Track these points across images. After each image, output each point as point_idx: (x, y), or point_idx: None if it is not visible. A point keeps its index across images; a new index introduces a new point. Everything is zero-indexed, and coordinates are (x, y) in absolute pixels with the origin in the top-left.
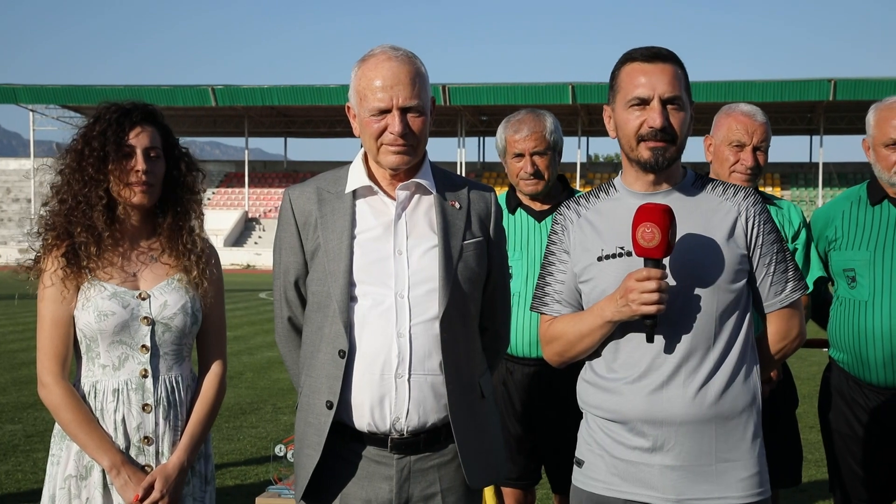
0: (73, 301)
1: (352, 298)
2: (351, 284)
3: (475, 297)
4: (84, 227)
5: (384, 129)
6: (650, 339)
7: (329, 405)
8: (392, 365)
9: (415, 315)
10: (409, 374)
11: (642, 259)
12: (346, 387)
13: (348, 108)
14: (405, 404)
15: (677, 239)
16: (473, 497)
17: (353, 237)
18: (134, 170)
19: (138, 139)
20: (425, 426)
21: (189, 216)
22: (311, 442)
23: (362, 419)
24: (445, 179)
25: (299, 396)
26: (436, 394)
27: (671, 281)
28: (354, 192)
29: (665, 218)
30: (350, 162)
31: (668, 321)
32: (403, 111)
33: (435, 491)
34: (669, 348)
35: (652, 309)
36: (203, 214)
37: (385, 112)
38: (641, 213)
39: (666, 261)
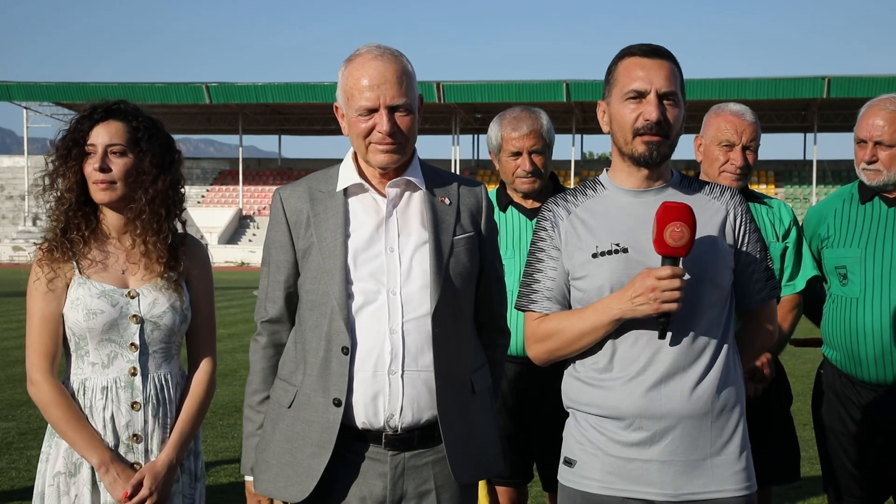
0: (62, 299)
1: (348, 295)
2: (348, 282)
3: (467, 292)
4: (71, 226)
5: (372, 129)
6: (662, 336)
7: (337, 402)
8: (385, 361)
9: (407, 311)
10: (403, 371)
11: (661, 256)
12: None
13: (336, 107)
14: (399, 401)
15: None
16: (468, 493)
17: (347, 235)
18: (94, 168)
19: (99, 137)
20: (419, 423)
21: (171, 213)
22: (312, 440)
23: (357, 416)
24: (435, 176)
25: (289, 396)
26: (429, 390)
27: (687, 276)
28: (346, 190)
29: (692, 217)
30: (343, 160)
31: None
32: (391, 110)
33: (429, 488)
34: (668, 344)
35: (674, 307)
36: (184, 211)
37: (373, 111)
38: (668, 212)
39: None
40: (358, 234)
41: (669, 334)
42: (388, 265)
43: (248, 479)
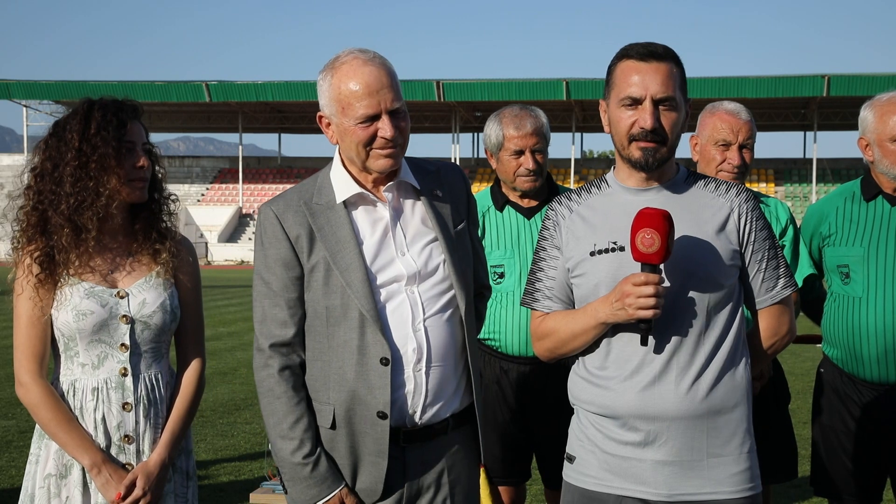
0: (51, 300)
1: (377, 306)
2: (373, 292)
3: (472, 280)
4: (70, 226)
5: (373, 135)
6: (644, 343)
7: (382, 416)
8: (411, 360)
9: (427, 308)
10: (429, 367)
11: (639, 263)
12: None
13: (320, 117)
14: (422, 397)
15: None
16: (475, 485)
17: (360, 245)
18: (137, 166)
19: (135, 135)
20: (439, 418)
21: (162, 212)
22: (371, 450)
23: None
24: (419, 169)
25: (327, 416)
26: (449, 385)
27: (666, 284)
28: (344, 201)
29: (665, 224)
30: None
31: (659, 316)
32: (391, 114)
33: (444, 482)
34: (660, 343)
35: (648, 314)
36: (176, 202)
37: (373, 118)
38: (641, 218)
39: (662, 265)
40: (369, 244)
41: (652, 340)
42: (405, 268)
43: None
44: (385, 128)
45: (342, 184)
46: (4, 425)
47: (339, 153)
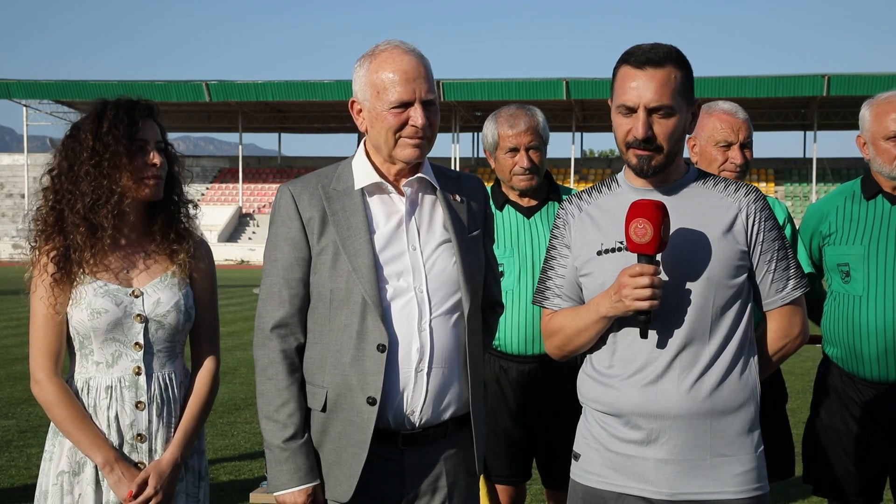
0: (66, 298)
1: (381, 294)
2: (379, 280)
3: (481, 288)
4: (86, 224)
5: (405, 122)
6: (644, 335)
7: (371, 401)
8: (413, 359)
9: (434, 309)
10: (430, 369)
11: (636, 255)
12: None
13: (353, 102)
14: (421, 399)
15: (672, 233)
16: (474, 487)
17: (371, 233)
18: (149, 163)
19: (149, 133)
20: (437, 421)
21: (180, 211)
22: (354, 440)
23: (382, 415)
24: (440, 174)
25: (319, 399)
26: (450, 387)
27: (664, 276)
28: (362, 188)
29: (657, 213)
30: (344, 157)
31: (663, 315)
32: (425, 104)
33: (442, 484)
34: (664, 342)
35: (645, 305)
36: (196, 209)
37: (406, 105)
38: (634, 209)
39: (660, 256)
40: (381, 233)
41: (655, 335)
42: (413, 263)
43: (282, 493)
44: (416, 116)
45: (362, 172)
46: (4, 425)
47: (365, 143)
